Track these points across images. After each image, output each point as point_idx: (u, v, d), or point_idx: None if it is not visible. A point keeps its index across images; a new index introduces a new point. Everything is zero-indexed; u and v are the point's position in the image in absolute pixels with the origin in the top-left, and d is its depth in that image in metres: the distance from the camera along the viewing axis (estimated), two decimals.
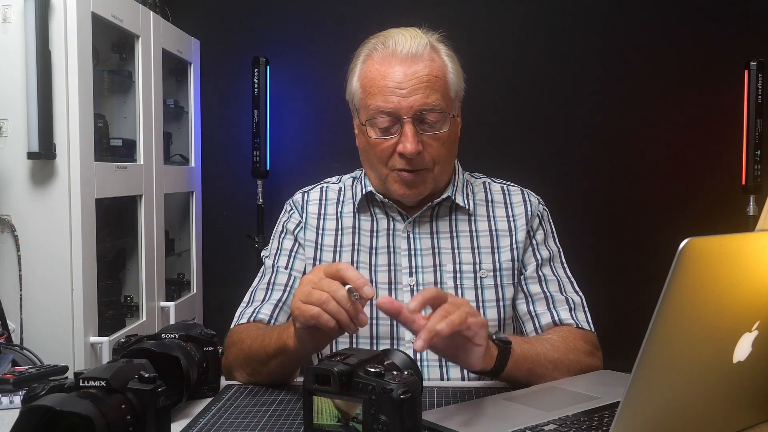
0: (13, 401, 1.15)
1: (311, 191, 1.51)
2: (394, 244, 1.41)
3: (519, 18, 3.36)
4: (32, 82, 2.09)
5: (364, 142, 1.40)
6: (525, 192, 1.49)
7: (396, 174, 1.36)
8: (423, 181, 1.36)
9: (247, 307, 1.40)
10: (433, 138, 1.34)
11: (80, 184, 2.19)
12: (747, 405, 0.97)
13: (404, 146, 1.31)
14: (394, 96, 1.31)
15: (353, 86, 1.40)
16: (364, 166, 1.45)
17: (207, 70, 3.42)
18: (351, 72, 1.41)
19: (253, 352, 1.24)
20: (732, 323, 0.85)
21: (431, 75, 1.33)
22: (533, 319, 1.39)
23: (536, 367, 1.23)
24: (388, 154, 1.35)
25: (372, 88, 1.34)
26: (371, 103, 1.34)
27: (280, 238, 1.47)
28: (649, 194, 3.35)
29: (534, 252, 1.43)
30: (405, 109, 1.31)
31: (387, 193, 1.41)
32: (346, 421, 0.93)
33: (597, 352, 1.36)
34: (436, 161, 1.36)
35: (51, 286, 2.18)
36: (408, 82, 1.31)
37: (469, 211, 1.44)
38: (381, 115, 1.33)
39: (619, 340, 1.65)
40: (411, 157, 1.32)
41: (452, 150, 1.40)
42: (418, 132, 1.32)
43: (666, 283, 0.74)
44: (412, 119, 1.31)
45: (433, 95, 1.32)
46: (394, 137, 1.33)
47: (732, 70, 3.19)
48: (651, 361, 0.78)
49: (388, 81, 1.32)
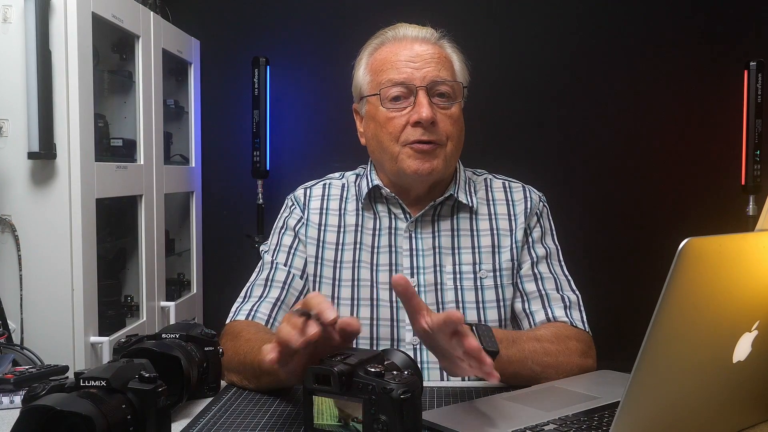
0: (14, 401, 1.15)
1: (314, 187, 1.49)
2: (396, 243, 1.41)
3: (523, 17, 3.36)
4: (32, 82, 2.09)
5: (373, 124, 1.39)
6: (527, 189, 1.48)
7: (409, 148, 1.35)
8: (437, 155, 1.35)
9: (244, 303, 1.38)
10: (446, 114, 1.35)
11: (80, 184, 2.19)
12: (747, 405, 0.97)
13: (419, 113, 1.32)
14: (408, 68, 1.34)
15: (360, 76, 1.41)
16: (373, 155, 1.43)
17: (207, 70, 3.42)
18: (358, 64, 1.43)
19: (247, 363, 1.20)
20: (732, 323, 0.85)
21: (441, 55, 1.37)
22: (528, 317, 1.38)
23: (522, 370, 1.21)
24: (400, 128, 1.35)
25: (384, 65, 1.37)
26: (384, 78, 1.36)
27: (280, 233, 1.46)
28: (649, 194, 3.35)
29: (530, 249, 1.42)
30: (419, 79, 1.34)
31: (399, 177, 1.39)
32: (346, 422, 0.93)
33: (590, 351, 1.34)
34: (449, 137, 1.36)
35: (51, 286, 2.18)
36: (420, 57, 1.35)
37: (472, 208, 1.43)
38: (394, 86, 1.34)
39: (619, 340, 1.65)
40: (426, 125, 1.32)
41: (461, 133, 1.40)
42: (431, 103, 1.34)
43: (666, 283, 0.74)
44: (426, 89, 1.33)
45: (444, 71, 1.36)
46: (407, 109, 1.34)
47: (732, 70, 3.20)
48: (651, 361, 0.78)
49: (401, 56, 1.36)
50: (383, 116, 1.35)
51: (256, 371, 1.18)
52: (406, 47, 1.36)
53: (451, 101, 1.36)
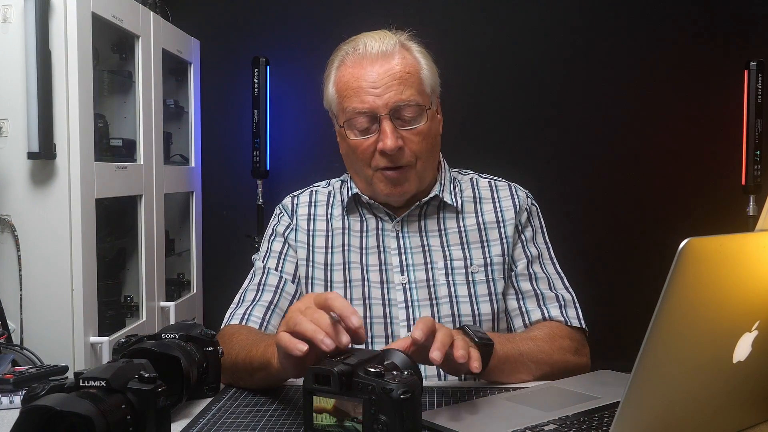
0: (13, 401, 1.15)
1: (300, 195, 1.52)
2: (383, 243, 1.42)
3: (520, 16, 3.36)
4: (32, 82, 2.09)
5: (345, 146, 1.41)
6: (512, 186, 1.49)
7: (380, 173, 1.37)
8: (407, 178, 1.37)
9: (237, 308, 1.40)
10: (412, 133, 1.35)
11: (80, 184, 2.19)
12: (747, 405, 0.97)
13: (384, 143, 1.32)
14: (369, 95, 1.33)
15: (329, 93, 1.41)
16: (349, 171, 1.46)
17: (207, 70, 3.42)
18: (326, 79, 1.43)
19: (239, 361, 1.22)
20: (732, 323, 0.85)
21: (403, 71, 1.35)
22: (523, 315, 1.39)
23: (519, 367, 1.24)
24: (370, 154, 1.36)
25: (347, 91, 1.36)
26: (347, 106, 1.35)
27: (270, 240, 1.48)
28: (649, 194, 3.35)
29: (524, 249, 1.43)
30: (381, 107, 1.33)
31: (374, 195, 1.43)
32: (346, 422, 0.93)
33: (583, 349, 1.36)
34: (418, 156, 1.36)
35: (51, 286, 2.18)
36: (381, 81, 1.33)
37: (457, 208, 1.45)
38: (358, 116, 1.34)
39: (619, 340, 1.65)
40: (392, 154, 1.33)
41: (433, 145, 1.40)
42: (396, 128, 1.33)
43: (666, 283, 0.74)
44: (389, 115, 1.33)
45: (407, 91, 1.34)
46: (373, 136, 1.35)
47: (732, 70, 3.20)
48: (651, 361, 0.78)
49: (361, 82, 1.34)
50: (353, 143, 1.37)
51: (248, 368, 1.20)
52: (365, 69, 1.34)
53: (417, 120, 1.35)
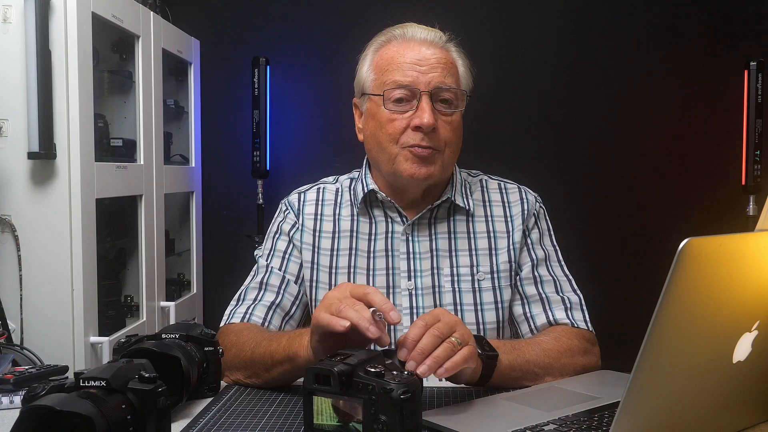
0: (13, 401, 1.15)
1: (308, 192, 1.49)
2: (392, 246, 1.41)
3: (523, 17, 3.36)
4: (32, 82, 2.09)
5: (373, 123, 1.38)
6: (522, 190, 1.48)
7: (407, 151, 1.34)
8: (434, 161, 1.35)
9: (238, 306, 1.39)
10: (446, 120, 1.35)
11: (80, 184, 2.19)
12: (747, 405, 0.97)
13: (421, 118, 1.32)
14: (413, 71, 1.34)
15: (364, 72, 1.41)
16: (370, 153, 1.43)
17: (207, 70, 3.42)
18: (362, 60, 1.42)
19: (256, 357, 1.22)
20: (732, 323, 0.85)
21: (448, 61, 1.37)
22: (528, 321, 1.38)
23: (525, 375, 1.22)
24: (400, 130, 1.34)
25: (390, 65, 1.36)
26: (388, 78, 1.35)
27: (274, 238, 1.46)
28: (649, 194, 3.35)
29: (529, 252, 1.42)
30: (423, 84, 1.33)
31: (394, 179, 1.39)
32: (346, 421, 0.93)
33: (593, 349, 1.34)
34: (448, 144, 1.36)
35: (51, 286, 2.18)
36: (427, 61, 1.34)
37: (468, 210, 1.43)
38: (398, 88, 1.34)
39: (619, 340, 1.65)
40: (427, 131, 1.32)
41: (459, 140, 1.40)
42: (434, 109, 1.34)
43: (666, 283, 0.74)
44: (430, 94, 1.33)
45: (449, 77, 1.35)
46: (408, 112, 1.34)
47: (732, 70, 3.20)
48: (651, 361, 0.78)
49: (407, 58, 1.35)
50: (384, 117, 1.35)
51: (267, 362, 1.20)
52: (413, 49, 1.36)
53: (452, 108, 1.36)
